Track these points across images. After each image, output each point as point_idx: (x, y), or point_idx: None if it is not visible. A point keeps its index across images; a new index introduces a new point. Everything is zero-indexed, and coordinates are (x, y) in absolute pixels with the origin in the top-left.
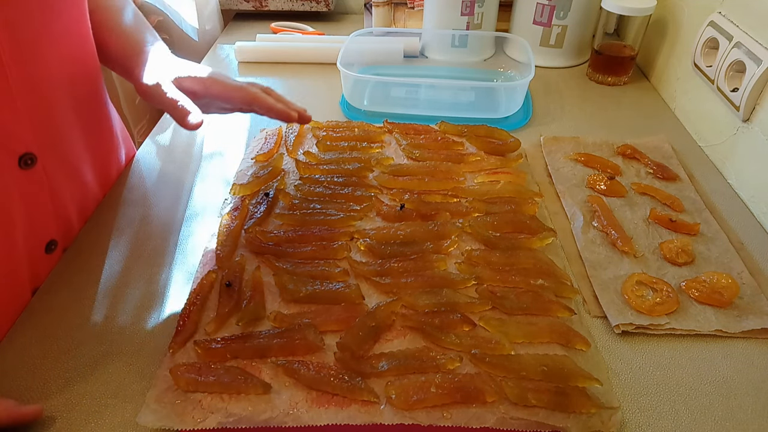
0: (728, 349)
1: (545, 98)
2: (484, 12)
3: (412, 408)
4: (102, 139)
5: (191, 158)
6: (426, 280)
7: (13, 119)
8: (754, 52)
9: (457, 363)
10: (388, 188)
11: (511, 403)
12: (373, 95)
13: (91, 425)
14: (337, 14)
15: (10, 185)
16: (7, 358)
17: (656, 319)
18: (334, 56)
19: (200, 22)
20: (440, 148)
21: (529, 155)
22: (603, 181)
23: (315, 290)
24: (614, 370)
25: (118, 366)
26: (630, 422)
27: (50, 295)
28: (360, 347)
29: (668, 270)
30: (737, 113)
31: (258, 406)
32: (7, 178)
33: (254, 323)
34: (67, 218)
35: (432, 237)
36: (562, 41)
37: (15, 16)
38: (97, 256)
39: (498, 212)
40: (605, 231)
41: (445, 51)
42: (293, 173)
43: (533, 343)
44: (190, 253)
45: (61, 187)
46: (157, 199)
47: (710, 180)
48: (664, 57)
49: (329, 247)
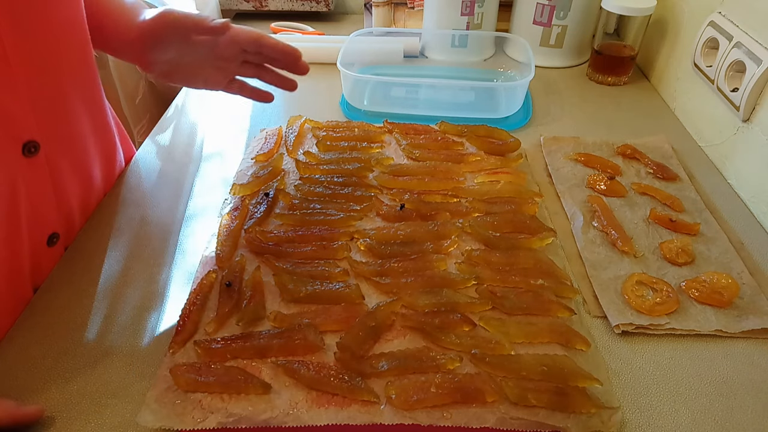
0: (728, 349)
1: (545, 98)
2: (484, 12)
3: (412, 408)
4: (102, 133)
5: (191, 158)
6: (426, 280)
7: (17, 105)
8: (754, 52)
9: (457, 363)
10: (388, 188)
11: (511, 403)
12: (373, 95)
13: (91, 425)
14: (337, 14)
15: (14, 172)
16: (7, 357)
17: (656, 319)
18: (334, 56)
19: None
20: (440, 148)
21: (529, 155)
22: (603, 181)
23: (315, 290)
24: (614, 370)
25: (118, 366)
26: (630, 422)
27: (50, 294)
28: (360, 347)
29: (668, 270)
30: (737, 113)
31: (258, 406)
32: (12, 166)
33: (254, 323)
34: (69, 211)
35: (432, 237)
36: (562, 41)
37: (16, 2)
38: (97, 256)
39: (498, 212)
40: (605, 231)
41: (445, 51)
42: (293, 173)
43: (533, 343)
44: (190, 253)
45: (64, 178)
46: (157, 199)
47: (710, 180)
48: (664, 57)
49: (329, 247)
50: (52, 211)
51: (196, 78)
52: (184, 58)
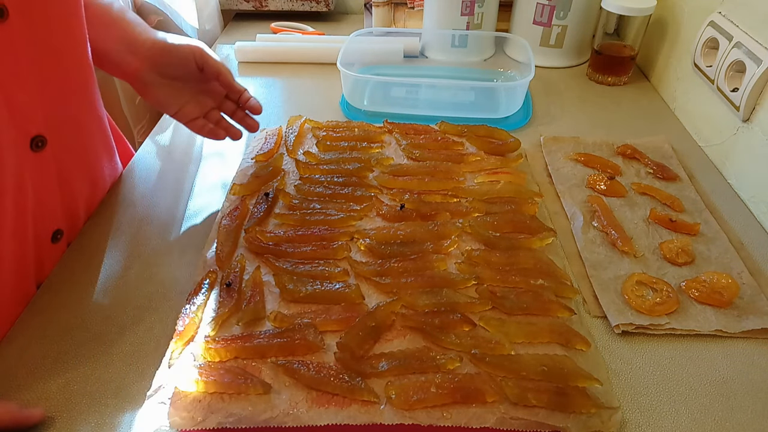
0: (728, 349)
1: (545, 98)
2: (484, 12)
3: (412, 408)
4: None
5: (191, 158)
6: (426, 280)
7: (26, 99)
8: (754, 52)
9: (457, 363)
10: (388, 188)
11: (511, 403)
12: (373, 95)
13: (91, 425)
14: (337, 14)
15: (22, 167)
16: (7, 358)
17: (656, 319)
18: (334, 56)
19: (200, 22)
20: (440, 148)
21: (529, 155)
22: (603, 181)
23: (315, 290)
24: (614, 370)
25: (118, 366)
26: (630, 422)
27: (50, 294)
28: (360, 347)
29: (668, 270)
30: (737, 113)
31: (258, 406)
32: (20, 160)
33: (254, 323)
34: (74, 209)
35: (432, 237)
36: (562, 41)
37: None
38: (97, 256)
39: (498, 212)
40: (605, 231)
41: (445, 51)
42: (293, 173)
43: (533, 343)
44: (190, 253)
45: (69, 174)
46: (157, 199)
47: (710, 180)
48: (664, 57)
49: (329, 247)
50: (57, 208)
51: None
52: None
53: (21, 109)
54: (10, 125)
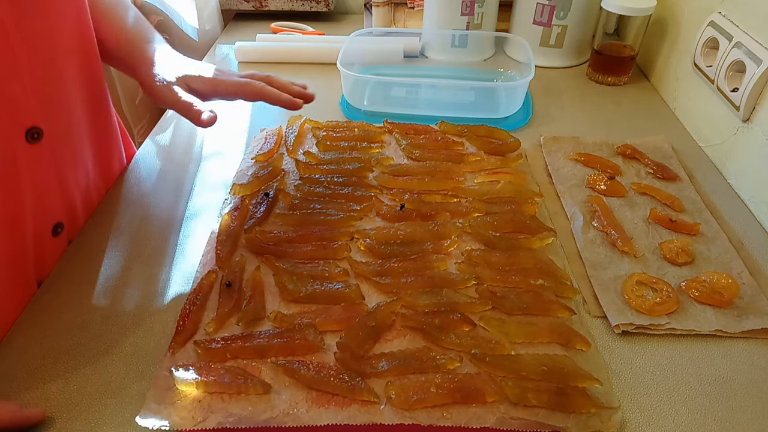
0: (728, 349)
1: (545, 98)
2: (484, 12)
3: (412, 408)
4: (103, 128)
5: (191, 158)
6: (426, 280)
7: (20, 90)
8: (754, 52)
9: (457, 363)
10: (388, 188)
11: (511, 403)
12: (373, 95)
13: (91, 425)
14: (337, 14)
15: (18, 159)
16: (7, 358)
17: (656, 319)
18: (334, 56)
19: (200, 22)
20: (440, 148)
21: (529, 155)
22: (603, 181)
23: (315, 290)
24: (614, 370)
25: (118, 366)
26: (630, 422)
27: (50, 294)
28: (360, 347)
29: (668, 270)
30: (737, 113)
31: (258, 406)
32: (16, 152)
33: (254, 323)
34: (72, 203)
35: (432, 237)
36: (562, 41)
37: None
38: (97, 256)
39: (498, 212)
40: (605, 231)
41: (445, 51)
42: (293, 173)
43: (533, 343)
44: (190, 253)
45: (66, 167)
46: (157, 199)
47: (710, 180)
48: (664, 57)
49: (329, 247)
50: (56, 200)
51: None
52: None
53: (15, 99)
54: (3, 116)
